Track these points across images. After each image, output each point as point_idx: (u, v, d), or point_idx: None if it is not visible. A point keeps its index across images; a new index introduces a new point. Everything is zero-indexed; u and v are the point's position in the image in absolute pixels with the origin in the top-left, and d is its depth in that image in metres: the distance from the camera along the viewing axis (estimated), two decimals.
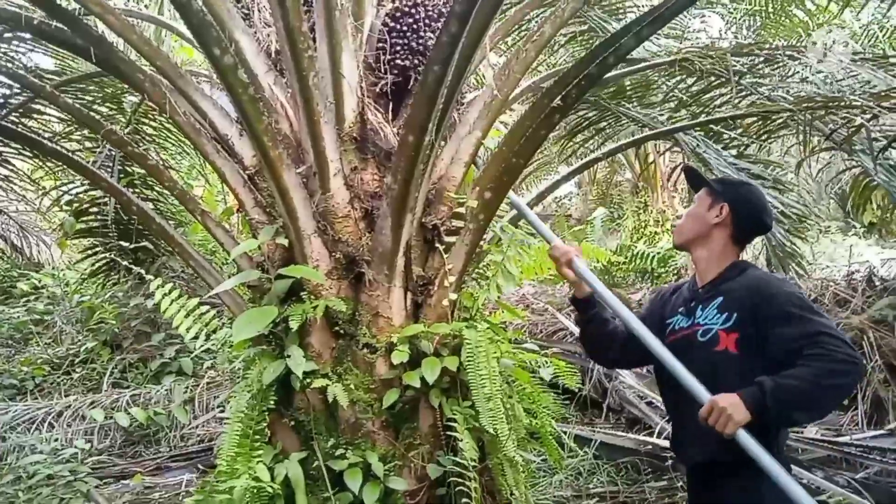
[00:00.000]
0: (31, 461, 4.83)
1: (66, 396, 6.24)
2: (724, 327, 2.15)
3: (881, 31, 9.82)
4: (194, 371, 6.41)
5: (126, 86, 5.44)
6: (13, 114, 4.86)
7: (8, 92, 4.99)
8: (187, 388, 5.96)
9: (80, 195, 6.46)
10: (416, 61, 3.17)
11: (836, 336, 1.99)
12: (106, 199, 6.24)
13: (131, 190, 5.87)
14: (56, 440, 5.20)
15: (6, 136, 4.30)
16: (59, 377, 6.91)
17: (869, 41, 9.85)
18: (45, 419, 5.58)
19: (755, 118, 4.98)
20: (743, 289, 2.19)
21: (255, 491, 2.54)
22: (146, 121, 5.97)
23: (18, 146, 5.18)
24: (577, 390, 4.74)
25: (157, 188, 6.37)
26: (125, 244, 6.37)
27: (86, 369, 6.91)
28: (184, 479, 4.93)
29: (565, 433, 4.02)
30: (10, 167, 5.79)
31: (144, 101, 5.63)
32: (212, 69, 2.76)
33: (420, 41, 3.15)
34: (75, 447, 5.11)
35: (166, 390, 5.95)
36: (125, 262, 6.01)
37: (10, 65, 4.32)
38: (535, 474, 4.22)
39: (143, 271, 3.55)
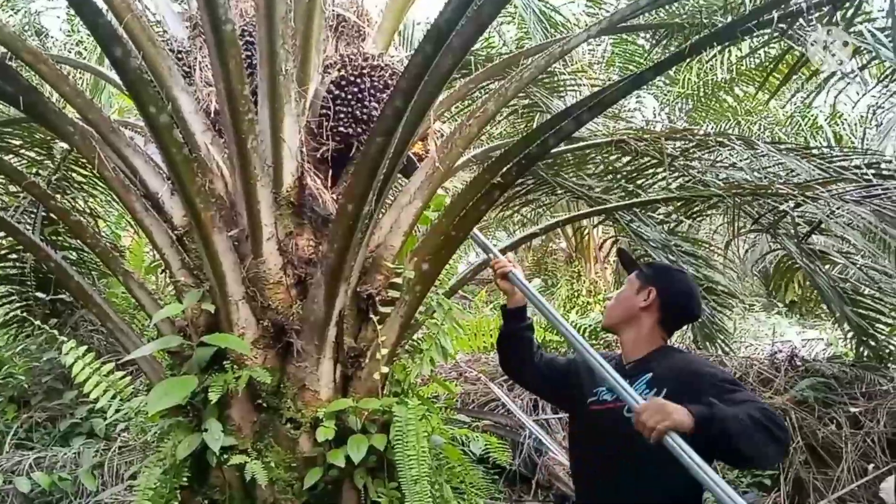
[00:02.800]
0: None
1: None
2: None
3: (803, 120, 10.46)
4: (107, 433, 6.03)
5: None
6: None
7: None
8: (98, 451, 5.57)
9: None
10: (359, 129, 3.15)
11: (768, 407, 1.99)
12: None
13: (56, 238, 5.62)
14: None
15: None
16: None
17: (792, 129, 10.47)
18: None
19: (686, 199, 5.14)
20: (670, 369, 2.19)
21: None
22: (76, 168, 5.75)
23: None
24: (507, 466, 4.66)
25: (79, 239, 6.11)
26: (42, 295, 6.04)
27: None
28: None
29: None
30: None
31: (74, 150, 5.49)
32: (146, 126, 2.68)
33: (364, 110, 3.15)
34: None
35: (74, 453, 5.55)
36: (41, 314, 5.69)
37: None
38: None
39: (56, 330, 3.34)
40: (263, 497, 2.65)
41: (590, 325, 7.13)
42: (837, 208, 4.22)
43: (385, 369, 2.93)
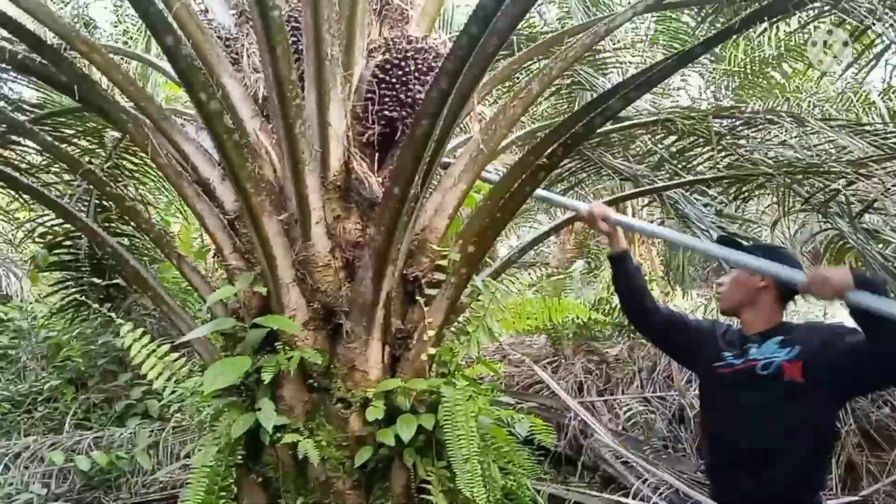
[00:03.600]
0: None
1: (25, 436, 6.00)
2: (787, 358, 2.18)
3: (855, 96, 10.12)
4: (160, 414, 6.20)
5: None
6: None
7: None
8: (152, 431, 5.74)
9: (55, 227, 6.32)
10: (403, 113, 3.16)
11: None
12: (80, 233, 6.12)
13: (108, 225, 5.76)
14: (11, 484, 4.98)
15: None
16: (19, 415, 6.65)
17: (843, 105, 10.14)
18: (0, 460, 5.34)
19: (735, 178, 5.04)
20: (804, 331, 2.28)
21: None
22: (127, 156, 5.89)
23: None
24: (552, 448, 4.66)
25: (133, 224, 6.27)
26: (97, 280, 6.22)
27: (48, 408, 6.66)
28: None
29: (539, 492, 3.93)
30: None
31: (125, 138, 5.62)
32: (197, 113, 2.73)
33: (409, 94, 3.16)
34: (31, 492, 4.90)
35: (130, 433, 5.73)
36: (96, 299, 5.86)
37: None
38: None
39: (112, 314, 3.45)
40: (315, 475, 2.71)
41: None
42: (893, 185, 4.09)
43: (432, 350, 2.95)
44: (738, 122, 4.91)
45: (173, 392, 3.10)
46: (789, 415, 2.15)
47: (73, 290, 6.66)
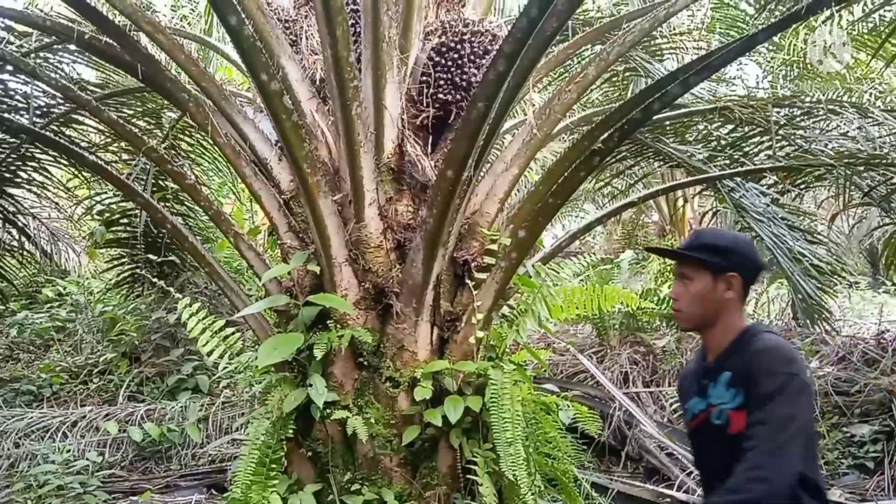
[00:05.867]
0: (42, 470, 4.81)
1: (81, 406, 6.22)
2: (733, 406, 1.90)
3: None
4: (210, 389, 6.38)
5: (165, 102, 5.55)
6: (53, 124, 4.94)
7: (52, 102, 5.09)
8: (202, 406, 5.91)
9: (112, 206, 6.52)
10: (458, 96, 3.17)
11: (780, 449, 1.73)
12: (136, 210, 6.30)
13: (164, 204, 5.91)
14: (68, 451, 5.18)
15: (47, 146, 4.35)
16: (75, 386, 6.90)
17: None
18: (59, 428, 5.55)
19: (794, 168, 4.92)
20: (744, 363, 1.94)
21: None
22: (183, 137, 6.03)
23: (56, 154, 5.25)
24: (595, 436, 4.64)
25: (187, 204, 6.43)
26: (152, 257, 6.40)
27: (103, 380, 6.90)
28: (192, 500, 4.87)
29: (581, 480, 3.93)
30: (46, 174, 5.86)
31: (182, 119, 5.75)
32: (257, 93, 2.78)
33: (463, 76, 3.15)
34: (87, 459, 5.08)
35: (181, 407, 5.90)
36: (150, 275, 6.02)
37: (56, 76, 4.38)
38: None
39: (169, 287, 3.55)
40: (364, 451, 2.76)
41: None
42: None
43: (481, 334, 2.96)
44: (798, 112, 4.80)
45: (227, 366, 3.17)
46: None
47: (129, 266, 6.87)
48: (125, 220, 6.60)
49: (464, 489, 2.80)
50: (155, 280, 4.08)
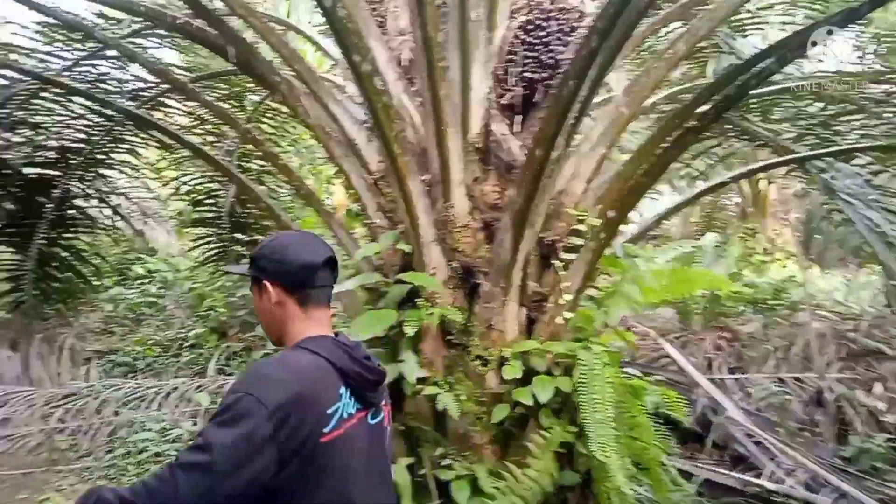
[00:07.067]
0: (141, 438, 5.07)
1: (174, 378, 6.53)
2: None
3: None
4: None
5: (248, 85, 5.70)
6: (143, 106, 5.14)
7: (142, 86, 5.31)
8: None
9: (198, 186, 6.76)
10: (544, 75, 3.13)
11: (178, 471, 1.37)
12: (221, 191, 6.51)
13: None
14: (164, 420, 5.45)
15: (143, 126, 4.53)
16: (167, 359, 7.25)
17: None
18: (153, 398, 5.84)
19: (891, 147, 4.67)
20: None
21: None
22: (264, 120, 6.18)
23: (146, 136, 5.47)
24: (679, 422, 4.56)
25: (267, 185, 6.61)
26: (239, 235, 6.61)
27: (193, 353, 7.21)
28: None
29: (665, 466, 3.87)
30: (138, 156, 6.12)
31: (263, 102, 5.89)
32: (350, 74, 2.82)
33: (550, 55, 3.12)
34: (181, 428, 5.33)
35: None
36: (234, 255, 6.23)
37: (151, 59, 4.56)
38: None
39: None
40: (454, 427, 2.79)
41: (772, 283, 6.70)
42: None
43: (568, 314, 2.95)
44: (894, 88, 4.54)
45: None
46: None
47: (215, 245, 7.13)
48: (210, 201, 6.83)
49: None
50: (236, 260, 4.22)
